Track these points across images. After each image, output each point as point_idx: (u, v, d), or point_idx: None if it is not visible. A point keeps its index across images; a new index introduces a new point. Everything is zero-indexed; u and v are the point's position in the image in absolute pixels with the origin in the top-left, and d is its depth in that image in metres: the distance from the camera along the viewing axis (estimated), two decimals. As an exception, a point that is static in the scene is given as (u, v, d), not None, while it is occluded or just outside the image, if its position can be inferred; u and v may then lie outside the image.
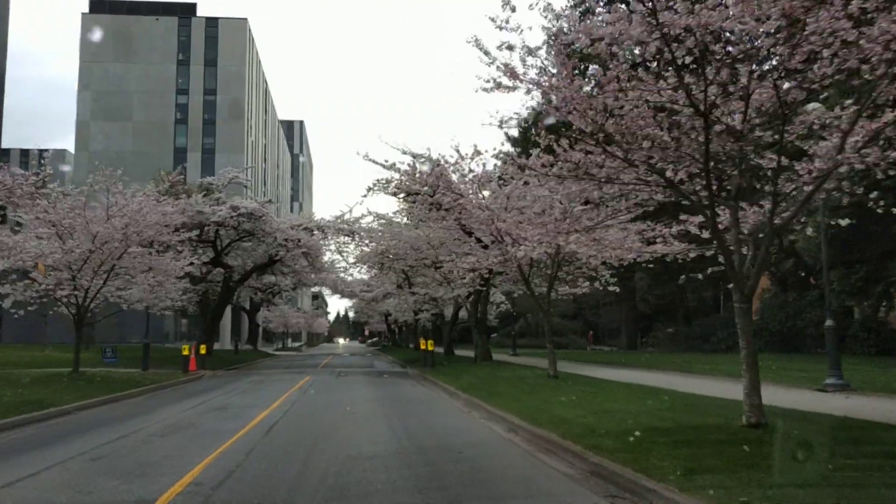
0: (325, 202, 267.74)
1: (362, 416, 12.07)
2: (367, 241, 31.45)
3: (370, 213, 26.74)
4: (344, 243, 33.92)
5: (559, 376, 16.01)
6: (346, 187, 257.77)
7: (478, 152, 13.62)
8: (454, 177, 16.35)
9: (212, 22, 69.93)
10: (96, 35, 65.26)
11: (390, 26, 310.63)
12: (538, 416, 10.27)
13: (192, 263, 24.33)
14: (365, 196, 23.19)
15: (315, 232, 32.52)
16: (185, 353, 25.63)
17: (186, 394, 17.87)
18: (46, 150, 24.49)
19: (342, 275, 39.29)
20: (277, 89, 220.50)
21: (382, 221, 27.57)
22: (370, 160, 15.72)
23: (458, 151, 14.05)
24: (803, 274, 34.37)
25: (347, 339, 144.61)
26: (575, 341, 67.66)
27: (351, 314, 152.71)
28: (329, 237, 33.37)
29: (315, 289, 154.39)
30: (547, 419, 9.85)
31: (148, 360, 25.01)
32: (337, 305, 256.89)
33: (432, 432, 10.18)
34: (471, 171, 18.40)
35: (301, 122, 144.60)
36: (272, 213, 32.08)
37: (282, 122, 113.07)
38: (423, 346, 29.82)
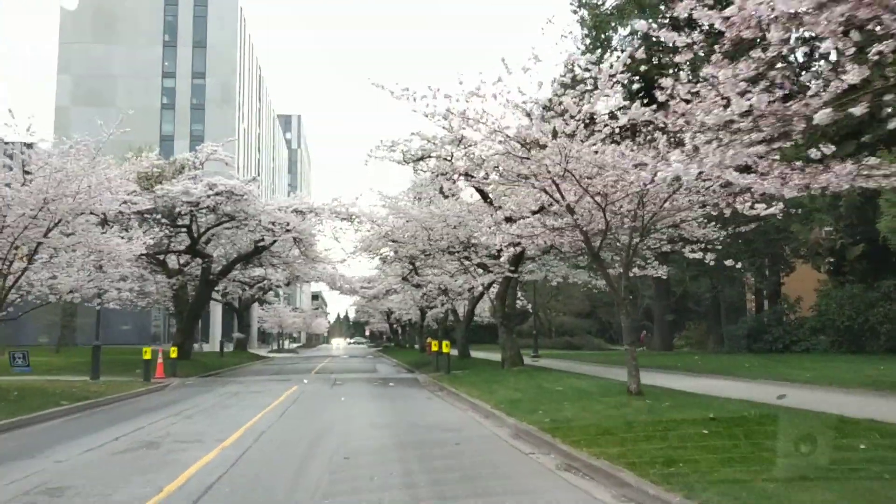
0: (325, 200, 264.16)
1: (364, 473, 7.31)
2: (367, 226, 26.85)
3: (372, 190, 21.86)
4: (341, 229, 29.35)
5: (644, 392, 11.37)
6: (347, 185, 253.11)
7: (536, 58, 9.13)
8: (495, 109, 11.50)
9: (200, 0, 65.38)
10: (75, 13, 60.69)
11: (392, 22, 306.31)
12: (690, 478, 5.68)
13: (147, 245, 19.69)
14: (366, 163, 18.48)
15: (307, 215, 27.89)
16: (147, 356, 21.01)
17: (124, 414, 13.26)
18: None
19: (340, 266, 34.61)
20: (274, 84, 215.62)
21: (387, 200, 22.93)
22: (378, 86, 11.01)
23: (504, 64, 9.56)
24: (869, 263, 29.77)
25: (347, 340, 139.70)
26: (590, 342, 62.96)
27: (351, 314, 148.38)
28: (324, 221, 28.77)
29: (314, 288, 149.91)
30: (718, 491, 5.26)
31: (99, 367, 20.44)
32: (337, 306, 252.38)
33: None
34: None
35: (298, 117, 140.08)
36: (256, 193, 27.50)
37: (279, 116, 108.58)
38: (433, 348, 25.22)
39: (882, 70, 5.03)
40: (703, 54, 6.59)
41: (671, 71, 10.02)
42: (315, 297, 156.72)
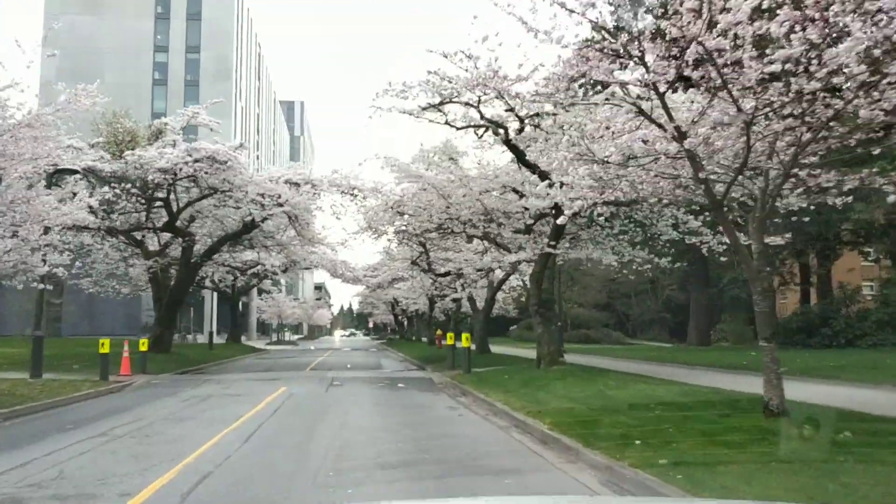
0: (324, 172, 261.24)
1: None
2: (372, 200, 23.04)
3: (378, 157, 18.04)
4: (342, 205, 25.57)
5: (789, 413, 7.51)
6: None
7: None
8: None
9: (195, -30, 61.46)
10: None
11: (399, 11, 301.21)
12: None
13: (92, 209, 15.96)
14: (371, 117, 14.69)
15: (303, 187, 24.09)
16: (104, 350, 17.28)
17: (28, 432, 9.50)
18: None
19: (341, 250, 30.80)
20: (277, 70, 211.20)
21: (396, 164, 19.06)
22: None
23: None
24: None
25: (347, 332, 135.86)
26: (608, 335, 58.96)
27: (355, 306, 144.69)
28: (322, 195, 24.97)
29: (317, 279, 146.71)
30: None
31: (41, 362, 16.77)
32: (341, 298, 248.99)
33: None
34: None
35: (301, 103, 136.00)
36: (244, 161, 23.68)
37: (281, 102, 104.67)
38: (449, 341, 21.47)
39: None
40: None
41: None
42: (318, 287, 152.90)
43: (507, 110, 14.40)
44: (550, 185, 10.72)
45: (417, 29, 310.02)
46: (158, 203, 24.44)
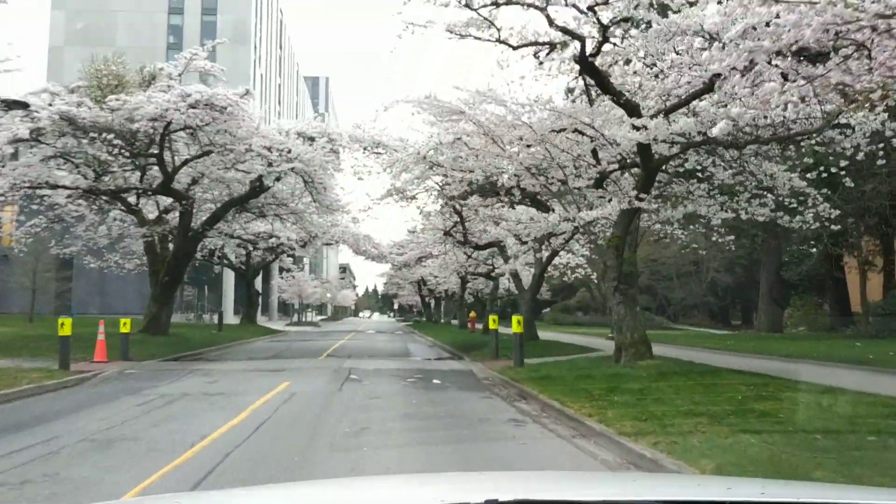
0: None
1: None
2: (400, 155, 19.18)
3: (407, 101, 14.06)
4: (365, 167, 21.80)
5: None
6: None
7: None
8: None
9: (212, -74, 57.69)
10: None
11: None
12: None
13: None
14: (400, 36, 10.78)
15: (318, 141, 20.32)
16: (64, 332, 13.76)
17: None
18: None
19: (364, 221, 26.97)
20: (301, 43, 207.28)
21: (431, 102, 15.08)
22: None
23: None
24: None
25: (370, 315, 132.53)
26: (650, 320, 54.61)
27: (380, 287, 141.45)
28: (342, 152, 21.22)
29: (341, 259, 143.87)
30: None
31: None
32: (366, 279, 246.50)
33: None
34: None
35: (326, 79, 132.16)
36: (249, 110, 19.94)
37: (306, 78, 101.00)
38: (491, 325, 17.65)
39: None
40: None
41: None
42: (343, 269, 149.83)
43: (588, 7, 10.42)
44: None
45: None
46: (151, 160, 20.86)
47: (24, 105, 16.74)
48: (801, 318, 33.67)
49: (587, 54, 11.24)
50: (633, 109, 11.09)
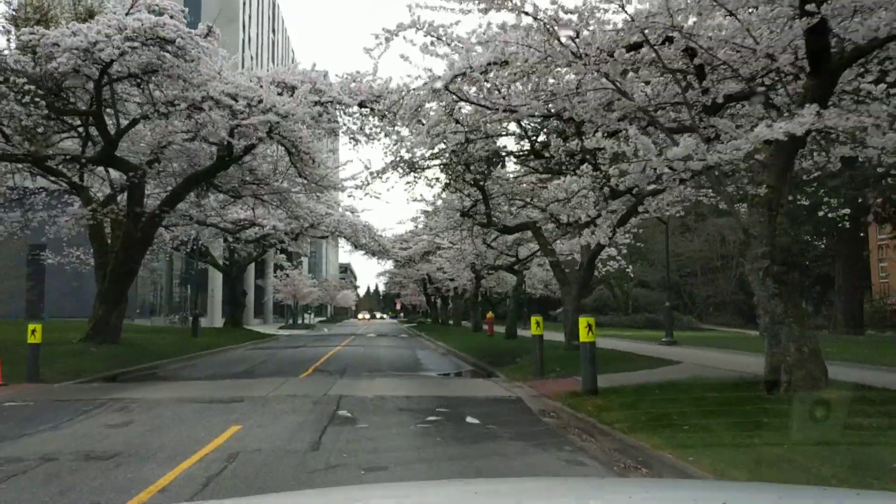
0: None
1: None
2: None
3: (418, 26, 9.19)
4: (362, 127, 17.18)
5: None
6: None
7: None
8: None
9: None
10: None
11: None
12: None
13: None
14: None
15: (300, 89, 15.61)
16: None
17: None
18: None
19: (363, 202, 22.22)
20: (301, 37, 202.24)
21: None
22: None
23: None
24: None
25: (368, 316, 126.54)
26: (676, 320, 49.77)
27: (381, 286, 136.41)
28: (331, 109, 16.54)
29: (342, 259, 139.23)
30: None
31: None
32: (368, 279, 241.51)
33: None
34: None
35: (325, 73, 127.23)
36: (210, 51, 15.26)
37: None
38: (535, 330, 12.90)
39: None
40: None
41: None
42: (343, 268, 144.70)
43: None
44: None
45: None
46: (89, 122, 16.21)
47: None
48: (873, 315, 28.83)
49: None
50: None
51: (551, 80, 10.62)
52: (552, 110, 11.03)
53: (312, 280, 64.98)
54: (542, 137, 15.14)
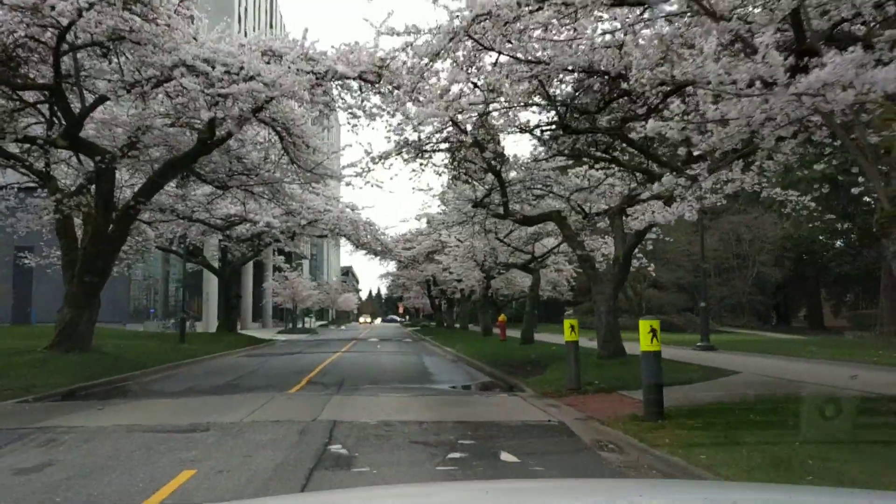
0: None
1: None
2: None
3: None
4: (360, 106, 15.06)
5: None
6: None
7: None
8: None
9: None
10: None
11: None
12: None
13: None
14: None
15: (288, 56, 13.49)
16: None
17: None
18: None
19: (362, 191, 20.07)
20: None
21: None
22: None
23: None
24: None
25: (371, 319, 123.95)
26: (691, 322, 47.44)
27: (384, 290, 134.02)
28: (325, 82, 14.41)
29: (343, 261, 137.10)
30: None
31: None
32: (370, 283, 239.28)
33: None
34: None
35: (317, 41, 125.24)
36: (185, 18, 13.17)
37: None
38: (569, 336, 10.72)
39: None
40: None
41: None
42: (345, 271, 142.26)
43: None
44: None
45: None
46: (43, 96, 14.11)
47: None
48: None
49: None
50: None
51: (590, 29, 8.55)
52: (596, 66, 8.93)
53: (312, 283, 62.82)
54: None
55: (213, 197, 21.37)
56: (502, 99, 10.72)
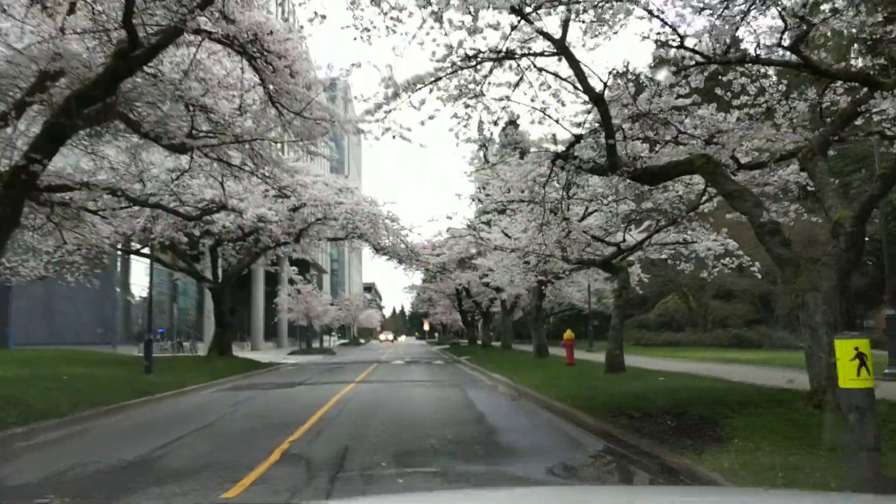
0: (376, 177, 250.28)
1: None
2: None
3: None
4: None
5: None
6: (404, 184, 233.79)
7: None
8: None
9: None
10: None
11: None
12: None
13: None
14: None
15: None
16: None
17: None
18: None
19: (375, 131, 13.99)
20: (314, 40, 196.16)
21: None
22: None
23: None
24: None
25: (391, 338, 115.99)
26: (766, 336, 40.47)
27: (407, 306, 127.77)
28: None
29: (367, 278, 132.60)
30: None
31: None
32: (393, 300, 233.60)
33: None
34: None
35: (346, 84, 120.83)
36: None
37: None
38: (850, 375, 4.52)
39: None
40: None
41: None
42: (368, 288, 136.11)
43: None
44: None
45: None
46: None
47: None
48: None
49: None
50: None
51: None
52: None
53: (330, 298, 56.94)
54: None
55: (179, 174, 15.47)
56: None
